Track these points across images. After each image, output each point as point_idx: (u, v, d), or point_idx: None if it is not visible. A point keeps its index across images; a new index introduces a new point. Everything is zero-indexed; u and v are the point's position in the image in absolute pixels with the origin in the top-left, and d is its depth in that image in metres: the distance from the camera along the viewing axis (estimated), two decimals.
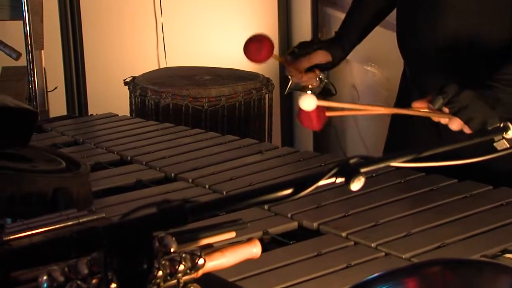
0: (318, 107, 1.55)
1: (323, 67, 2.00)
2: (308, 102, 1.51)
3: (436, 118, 1.65)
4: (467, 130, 1.61)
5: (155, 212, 0.90)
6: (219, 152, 2.11)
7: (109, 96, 3.77)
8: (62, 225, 1.39)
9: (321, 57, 1.98)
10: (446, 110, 1.61)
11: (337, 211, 1.64)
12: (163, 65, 4.06)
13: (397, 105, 2.07)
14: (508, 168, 1.80)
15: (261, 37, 1.94)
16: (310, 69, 1.98)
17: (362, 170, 0.98)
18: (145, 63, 3.95)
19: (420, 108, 1.65)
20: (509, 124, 1.18)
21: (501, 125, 1.20)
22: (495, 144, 1.21)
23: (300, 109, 1.55)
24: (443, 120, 1.63)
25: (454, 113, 1.60)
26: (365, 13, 2.07)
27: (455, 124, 1.61)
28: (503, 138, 1.20)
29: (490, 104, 1.62)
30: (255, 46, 1.92)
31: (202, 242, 1.24)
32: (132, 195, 1.80)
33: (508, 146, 1.19)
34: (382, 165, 1.03)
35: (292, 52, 1.99)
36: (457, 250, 1.45)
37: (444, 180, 1.78)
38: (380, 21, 2.11)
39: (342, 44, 2.05)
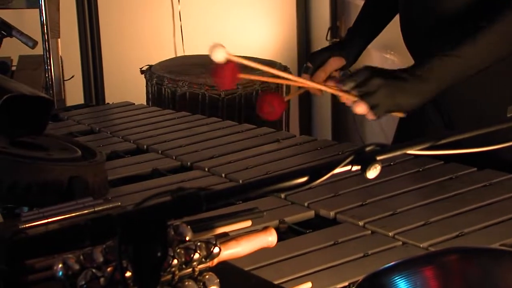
0: (231, 64, 1.52)
1: (341, 69, 2.00)
2: (219, 53, 1.49)
3: (343, 98, 1.67)
4: (370, 116, 1.64)
5: (169, 200, 0.90)
6: (236, 140, 2.11)
7: (125, 85, 3.77)
8: (77, 213, 1.39)
9: (335, 64, 1.96)
10: (354, 93, 1.64)
11: (354, 200, 1.63)
12: (180, 53, 4.06)
13: None
14: None
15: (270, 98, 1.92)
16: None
17: (378, 158, 0.97)
18: (162, 51, 3.95)
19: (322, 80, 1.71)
20: None
21: None
22: None
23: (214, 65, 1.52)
24: (348, 101, 1.66)
25: (361, 97, 1.62)
26: (381, 5, 2.05)
27: (360, 107, 1.63)
28: None
29: (398, 94, 1.63)
30: (267, 107, 1.90)
31: (217, 231, 1.24)
32: (148, 183, 1.80)
33: None
34: (398, 152, 1.02)
35: (307, 68, 1.97)
36: (475, 239, 1.43)
37: (463, 168, 1.77)
38: (396, 13, 2.09)
39: (355, 42, 2.03)
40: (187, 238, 1.10)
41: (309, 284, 1.25)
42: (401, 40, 1.97)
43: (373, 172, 0.97)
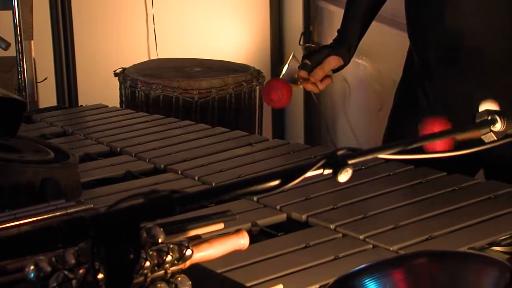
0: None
1: (335, 70, 2.06)
2: None
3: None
4: None
5: (142, 203, 0.90)
6: (209, 144, 2.11)
7: (99, 87, 3.76)
8: (50, 215, 1.39)
9: (334, 63, 2.02)
10: None
11: (326, 204, 1.64)
12: (153, 57, 4.05)
13: (400, 94, 2.10)
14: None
15: (278, 84, 2.02)
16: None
17: (350, 161, 0.98)
18: (135, 54, 3.94)
19: None
20: (497, 117, 1.18)
21: (489, 118, 1.20)
22: (482, 137, 1.21)
23: None
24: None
25: None
26: (363, 6, 2.09)
27: None
28: (491, 131, 1.20)
29: None
30: (275, 94, 2.00)
31: (190, 233, 1.24)
32: (121, 186, 1.80)
33: (496, 138, 1.19)
34: (369, 157, 1.03)
35: (305, 65, 2.02)
36: (444, 243, 1.45)
37: (433, 173, 1.79)
38: (377, 12, 2.13)
39: (348, 43, 2.07)
40: (160, 240, 1.11)
41: (281, 286, 1.26)
42: (373, 46, 2.00)
43: (344, 176, 0.98)
